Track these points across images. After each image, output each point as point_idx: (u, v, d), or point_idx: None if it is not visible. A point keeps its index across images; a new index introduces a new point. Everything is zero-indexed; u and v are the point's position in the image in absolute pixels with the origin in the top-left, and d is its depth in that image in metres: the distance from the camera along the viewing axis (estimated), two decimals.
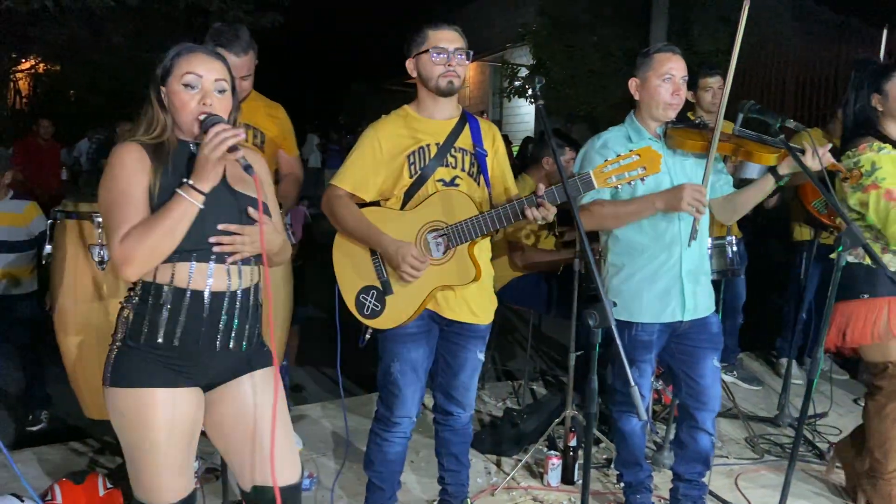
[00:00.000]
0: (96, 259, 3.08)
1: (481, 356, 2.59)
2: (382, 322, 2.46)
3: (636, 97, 2.65)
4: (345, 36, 19.23)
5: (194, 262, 1.76)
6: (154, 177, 1.74)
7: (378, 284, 2.45)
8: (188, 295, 1.76)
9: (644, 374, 2.69)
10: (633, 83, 2.65)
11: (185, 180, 1.71)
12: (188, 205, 1.69)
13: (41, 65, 16.87)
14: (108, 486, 2.69)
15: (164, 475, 1.80)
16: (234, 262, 1.80)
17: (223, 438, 1.93)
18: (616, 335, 1.91)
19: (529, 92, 11.47)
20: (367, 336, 2.51)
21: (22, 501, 2.48)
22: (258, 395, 1.89)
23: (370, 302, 2.46)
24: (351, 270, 2.48)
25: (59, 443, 3.40)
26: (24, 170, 7.34)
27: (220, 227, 1.77)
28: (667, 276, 2.62)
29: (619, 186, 2.27)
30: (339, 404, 3.89)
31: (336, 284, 2.49)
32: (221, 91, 1.79)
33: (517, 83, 11.98)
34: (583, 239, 2.04)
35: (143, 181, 1.74)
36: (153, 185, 1.74)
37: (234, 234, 1.79)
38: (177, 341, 1.77)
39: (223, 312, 1.80)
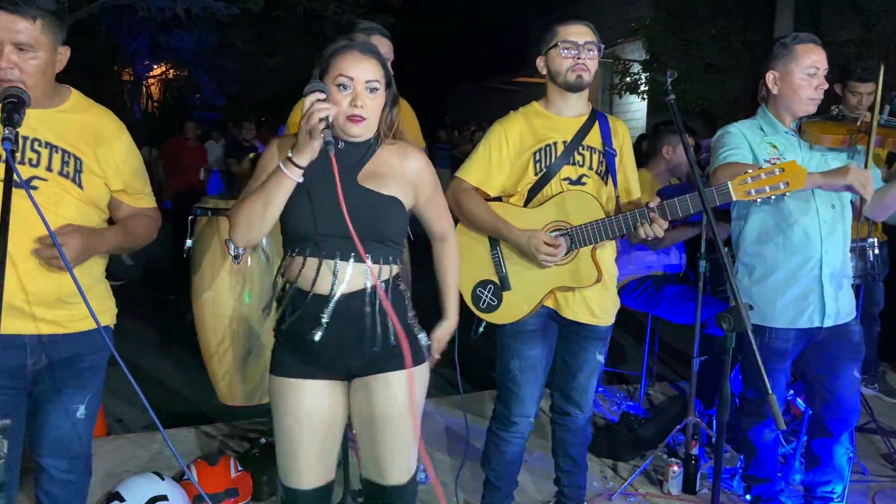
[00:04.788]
0: (231, 254, 3.25)
1: (601, 358, 2.54)
2: (498, 317, 2.45)
3: (773, 91, 2.49)
4: (449, 35, 19.33)
5: (311, 258, 1.79)
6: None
7: (496, 279, 2.45)
8: (309, 295, 1.80)
9: (777, 384, 2.55)
10: (770, 76, 2.48)
11: (288, 155, 1.71)
12: (283, 176, 1.70)
13: (171, 70, 18.03)
14: (239, 468, 2.82)
15: (301, 460, 1.88)
16: (357, 261, 1.78)
17: (356, 427, 1.97)
18: (753, 340, 1.84)
19: (642, 87, 11.16)
20: (481, 329, 2.50)
21: (163, 479, 2.62)
22: (382, 396, 1.88)
23: (487, 296, 2.46)
24: (468, 264, 2.45)
25: (193, 426, 3.59)
26: (168, 167, 7.77)
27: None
28: (806, 278, 2.46)
29: (759, 200, 2.16)
30: (452, 400, 3.92)
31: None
32: (373, 90, 1.78)
33: (628, 79, 11.68)
34: (716, 238, 1.96)
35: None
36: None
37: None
38: (304, 337, 1.80)
39: (357, 312, 1.80)
